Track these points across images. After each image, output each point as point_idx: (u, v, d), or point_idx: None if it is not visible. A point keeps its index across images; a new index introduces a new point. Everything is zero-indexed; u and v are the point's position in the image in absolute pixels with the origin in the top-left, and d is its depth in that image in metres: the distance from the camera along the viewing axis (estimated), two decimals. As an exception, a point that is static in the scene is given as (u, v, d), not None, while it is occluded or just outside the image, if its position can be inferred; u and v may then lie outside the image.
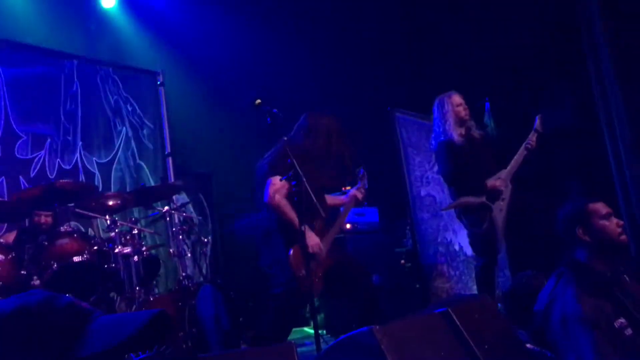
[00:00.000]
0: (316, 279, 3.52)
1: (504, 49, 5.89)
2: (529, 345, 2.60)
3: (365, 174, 3.99)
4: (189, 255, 4.85)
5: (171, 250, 4.73)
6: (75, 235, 4.19)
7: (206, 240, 5.57)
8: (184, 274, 4.50)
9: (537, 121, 4.45)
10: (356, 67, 6.99)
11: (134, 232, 4.46)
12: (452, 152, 4.29)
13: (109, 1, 6.39)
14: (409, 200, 5.46)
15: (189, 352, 4.00)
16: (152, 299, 4.25)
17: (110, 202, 4.44)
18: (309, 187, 3.29)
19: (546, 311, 2.57)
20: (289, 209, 3.53)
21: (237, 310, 4.32)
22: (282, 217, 3.56)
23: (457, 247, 5.75)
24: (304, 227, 3.32)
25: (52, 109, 5.84)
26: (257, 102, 3.39)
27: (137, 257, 4.30)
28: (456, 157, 4.27)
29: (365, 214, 5.92)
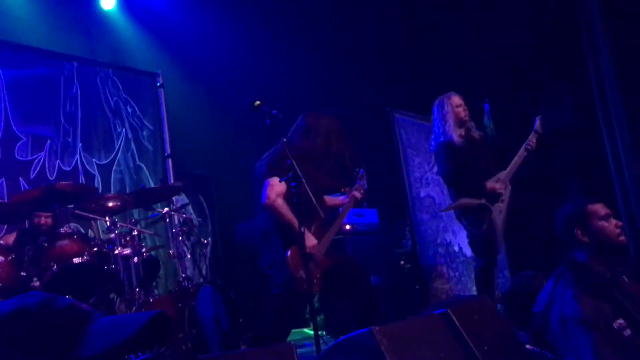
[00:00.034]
0: (314, 279, 3.52)
1: (504, 49, 5.88)
2: (529, 346, 2.60)
3: (364, 174, 3.99)
4: (188, 256, 4.85)
5: (171, 251, 4.73)
6: (75, 236, 4.19)
7: (206, 241, 5.58)
8: (184, 275, 4.50)
9: (537, 122, 4.45)
10: (356, 67, 6.98)
11: (133, 233, 4.47)
12: (452, 153, 4.28)
13: (108, 3, 6.39)
14: (409, 201, 5.47)
15: (188, 353, 4.00)
16: (151, 300, 4.26)
17: (110, 204, 4.44)
18: (308, 188, 3.29)
19: (545, 312, 2.57)
20: (286, 210, 3.53)
21: (236, 311, 4.32)
22: (280, 218, 3.56)
23: (456, 248, 5.75)
24: (302, 228, 3.32)
25: (52, 110, 5.84)
26: (257, 103, 3.39)
27: (136, 258, 4.30)
28: (456, 158, 4.27)
29: (364, 214, 5.92)
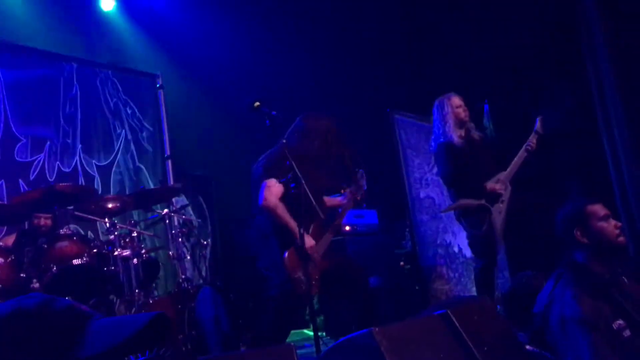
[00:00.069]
0: (313, 280, 3.52)
1: (504, 49, 5.87)
2: (529, 346, 2.60)
3: (363, 175, 3.98)
4: (188, 257, 4.85)
5: (171, 252, 4.73)
6: (74, 238, 4.19)
7: (205, 242, 5.57)
8: (184, 277, 4.50)
9: (538, 123, 4.44)
10: (355, 67, 6.98)
11: (133, 234, 4.46)
12: (452, 154, 4.28)
13: (108, 4, 6.40)
14: (408, 202, 5.47)
15: (188, 354, 4.00)
16: (151, 302, 4.26)
17: (109, 205, 4.44)
18: (308, 189, 3.29)
19: (545, 312, 2.57)
20: (284, 211, 3.53)
21: (236, 312, 4.33)
22: (277, 219, 3.56)
23: (456, 249, 5.75)
24: (302, 229, 3.32)
25: (51, 111, 5.84)
26: (256, 104, 3.39)
27: (136, 259, 4.30)
28: (456, 159, 4.27)
29: (364, 215, 5.91)
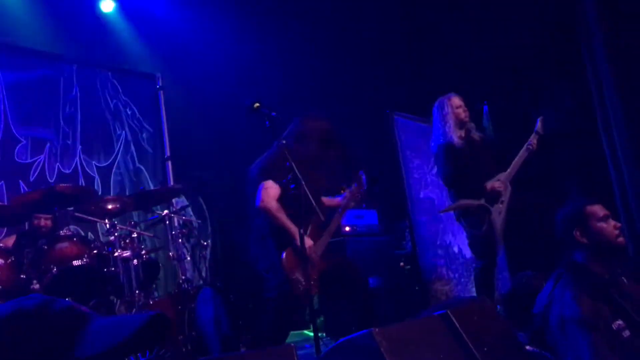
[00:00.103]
0: (311, 281, 3.52)
1: (504, 49, 5.88)
2: (529, 347, 2.60)
3: (362, 176, 3.98)
4: (188, 258, 4.84)
5: (171, 253, 4.73)
6: (74, 239, 4.20)
7: (206, 243, 5.56)
8: (184, 277, 4.50)
9: (539, 123, 4.44)
10: (355, 68, 6.97)
11: (133, 235, 4.47)
12: (452, 154, 4.28)
13: (107, 5, 6.40)
14: (408, 202, 5.46)
15: (188, 355, 4.00)
16: (151, 303, 4.26)
17: (109, 206, 4.44)
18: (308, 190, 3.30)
19: (545, 313, 2.58)
20: (281, 212, 3.54)
21: (236, 313, 4.32)
22: (275, 221, 3.56)
23: (456, 249, 5.75)
24: (302, 230, 3.32)
25: (51, 113, 5.85)
26: (256, 105, 3.39)
27: (136, 260, 4.30)
28: (455, 159, 4.26)
29: (364, 216, 5.91)
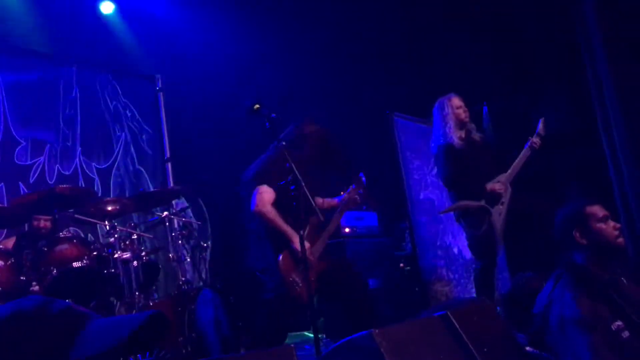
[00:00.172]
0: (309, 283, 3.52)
1: (504, 49, 5.88)
2: (528, 347, 2.60)
3: (362, 177, 3.98)
4: (188, 260, 4.84)
5: (170, 255, 4.73)
6: (74, 240, 4.19)
7: (205, 245, 5.56)
8: (184, 279, 4.50)
9: (540, 124, 4.43)
10: (355, 69, 6.97)
11: (133, 237, 4.47)
12: (452, 155, 4.27)
13: (107, 7, 6.40)
14: (408, 203, 5.46)
15: (188, 356, 4.00)
16: (151, 304, 4.26)
17: (109, 208, 4.44)
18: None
19: (544, 313, 2.58)
20: (276, 216, 3.55)
21: (236, 314, 4.32)
22: (270, 224, 3.57)
23: (456, 250, 5.75)
24: (302, 232, 3.32)
25: (51, 114, 5.85)
26: (256, 106, 3.40)
27: (136, 262, 4.30)
28: (456, 160, 4.26)
29: (364, 217, 5.91)
